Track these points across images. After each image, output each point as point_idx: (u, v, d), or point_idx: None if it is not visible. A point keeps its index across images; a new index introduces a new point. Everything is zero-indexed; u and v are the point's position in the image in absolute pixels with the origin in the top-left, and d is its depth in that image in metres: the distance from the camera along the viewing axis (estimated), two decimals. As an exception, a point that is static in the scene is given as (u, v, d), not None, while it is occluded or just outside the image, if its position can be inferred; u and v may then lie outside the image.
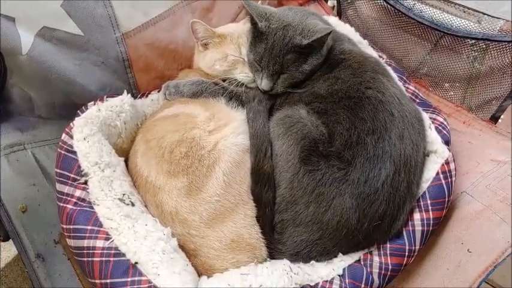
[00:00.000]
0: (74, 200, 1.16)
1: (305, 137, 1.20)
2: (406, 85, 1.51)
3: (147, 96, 1.56)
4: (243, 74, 1.46)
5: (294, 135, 1.21)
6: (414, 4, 1.62)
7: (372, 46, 1.63)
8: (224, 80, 1.48)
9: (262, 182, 1.21)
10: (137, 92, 1.58)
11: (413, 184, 1.23)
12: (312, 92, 1.34)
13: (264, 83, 1.37)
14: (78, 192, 1.17)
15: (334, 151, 1.19)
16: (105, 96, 1.37)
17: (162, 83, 1.51)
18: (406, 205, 1.22)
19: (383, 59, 1.59)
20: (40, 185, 1.41)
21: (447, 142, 1.34)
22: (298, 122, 1.24)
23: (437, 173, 1.28)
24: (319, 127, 1.23)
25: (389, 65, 1.56)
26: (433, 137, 1.34)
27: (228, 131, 1.29)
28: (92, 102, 1.35)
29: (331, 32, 1.32)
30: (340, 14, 1.86)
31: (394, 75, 1.49)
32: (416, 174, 1.25)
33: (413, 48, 1.69)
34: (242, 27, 1.53)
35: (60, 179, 1.19)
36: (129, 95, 1.39)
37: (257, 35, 1.37)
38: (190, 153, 1.22)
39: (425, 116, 1.38)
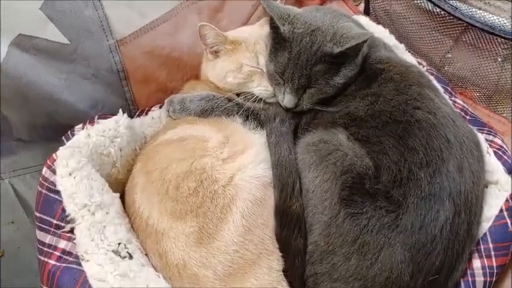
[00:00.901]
0: (58, 253, 0.96)
1: (347, 171, 0.99)
2: (453, 98, 1.29)
3: (146, 113, 1.34)
4: (261, 88, 1.25)
5: (332, 167, 1.00)
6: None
7: (409, 51, 1.38)
8: (238, 95, 1.28)
9: (290, 226, 1.00)
10: (135, 108, 1.37)
11: (473, 225, 1.03)
12: (347, 112, 1.14)
13: (287, 99, 1.17)
14: (62, 244, 0.97)
15: (381, 189, 0.98)
16: (95, 117, 1.15)
17: (165, 97, 1.30)
18: (465, 252, 1.02)
19: (423, 66, 1.36)
20: (20, 223, 1.22)
21: (510, 170, 1.14)
22: (336, 150, 1.03)
23: (501, 210, 1.07)
24: (364, 158, 1.02)
25: (432, 74, 1.33)
26: (493, 165, 1.14)
27: (246, 160, 1.08)
28: (80, 126, 1.14)
29: (368, 38, 1.11)
30: (368, 12, 1.61)
31: (438, 86, 1.26)
32: (477, 213, 1.05)
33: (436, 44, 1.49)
34: (259, 31, 1.32)
35: (41, 225, 0.99)
36: (125, 115, 1.18)
37: (278, 41, 1.16)
38: (201, 189, 1.02)
39: (482, 139, 1.15)
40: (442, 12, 1.39)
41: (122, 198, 1.13)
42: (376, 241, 0.95)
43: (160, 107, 1.35)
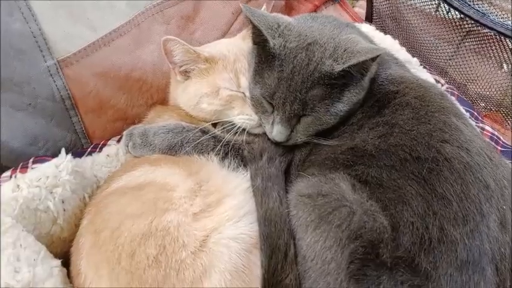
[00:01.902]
0: None
1: (356, 237, 0.76)
2: (480, 125, 1.07)
3: (100, 149, 1.08)
4: (243, 116, 1.04)
5: (336, 231, 0.77)
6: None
7: (424, 66, 1.14)
8: (215, 125, 1.06)
9: (283, 305, 0.78)
10: (88, 142, 1.12)
11: (520, 294, 0.82)
12: (352, 146, 0.91)
13: (277, 131, 0.95)
14: None
15: (403, 257, 0.75)
16: (30, 161, 0.88)
17: (126, 127, 1.09)
18: None
19: (442, 84, 1.12)
20: None
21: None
22: (340, 206, 0.79)
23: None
24: (377, 216, 0.78)
25: (452, 94, 1.09)
26: None
27: (224, 215, 0.86)
28: (8, 173, 0.87)
29: (379, 55, 0.88)
30: (371, 19, 1.36)
31: (462, 110, 1.03)
32: (524, 278, 0.84)
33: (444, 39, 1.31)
34: (240, 45, 1.10)
35: None
36: (69, 156, 0.93)
37: (266, 59, 0.94)
38: (163, 258, 0.79)
39: (523, 178, 0.92)
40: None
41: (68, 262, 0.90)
42: (398, 327, 0.73)
43: (119, 141, 1.11)
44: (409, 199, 0.80)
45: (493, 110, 1.21)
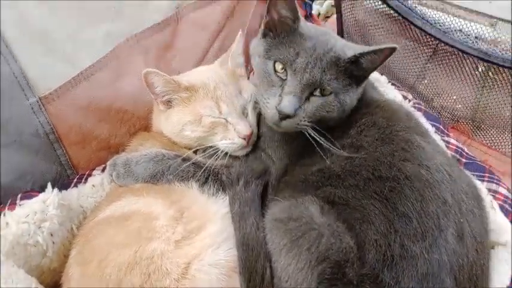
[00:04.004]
0: None
1: (324, 258, 0.81)
2: (446, 138, 1.12)
3: (86, 179, 1.11)
4: (226, 141, 1.06)
5: (306, 253, 0.82)
6: (416, 7, 1.27)
7: (392, 83, 1.19)
8: (196, 151, 1.08)
9: (262, 324, 0.81)
10: (74, 173, 1.15)
11: (481, 303, 0.86)
12: (321, 168, 0.96)
13: (288, 101, 0.94)
14: None
15: (368, 274, 0.80)
16: (18, 197, 0.92)
17: (109, 156, 1.10)
18: None
19: (409, 100, 1.18)
20: None
21: (520, 227, 0.96)
22: (309, 229, 0.84)
23: (513, 280, 0.90)
24: (344, 237, 0.83)
25: (419, 109, 1.14)
26: (500, 222, 0.99)
27: (205, 243, 0.89)
28: None
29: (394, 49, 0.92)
30: (342, 35, 1.41)
31: (428, 125, 1.08)
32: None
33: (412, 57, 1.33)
34: (219, 72, 1.12)
35: None
36: (55, 190, 0.97)
37: (285, 36, 0.99)
38: (148, 286, 0.82)
39: (484, 191, 0.97)
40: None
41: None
42: None
43: (103, 170, 1.14)
44: (373, 218, 0.84)
45: (460, 121, 1.26)
